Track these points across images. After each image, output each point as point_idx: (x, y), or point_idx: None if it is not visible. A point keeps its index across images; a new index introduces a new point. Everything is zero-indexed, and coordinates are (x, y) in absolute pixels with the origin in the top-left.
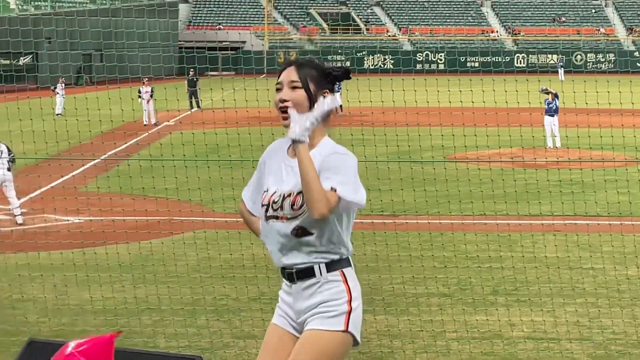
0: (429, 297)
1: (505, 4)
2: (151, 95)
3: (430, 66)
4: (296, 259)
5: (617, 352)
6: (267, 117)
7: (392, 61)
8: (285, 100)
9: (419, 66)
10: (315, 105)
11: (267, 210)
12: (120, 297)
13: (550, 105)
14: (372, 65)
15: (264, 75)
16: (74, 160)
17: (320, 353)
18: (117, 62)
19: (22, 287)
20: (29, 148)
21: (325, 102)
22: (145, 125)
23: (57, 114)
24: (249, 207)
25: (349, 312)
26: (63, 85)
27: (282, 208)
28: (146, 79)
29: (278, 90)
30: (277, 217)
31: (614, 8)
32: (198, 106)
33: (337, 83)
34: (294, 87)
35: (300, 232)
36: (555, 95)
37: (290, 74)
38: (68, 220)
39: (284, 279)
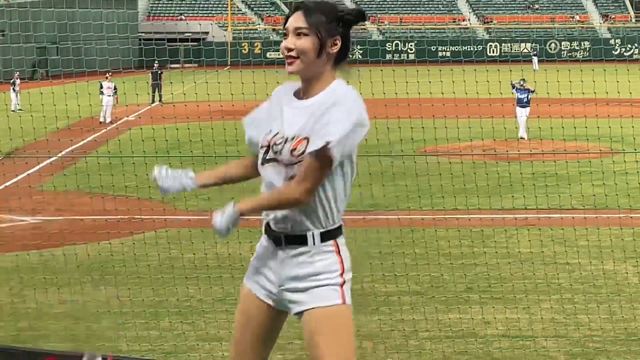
0: (400, 296)
1: None
2: (115, 92)
3: (400, 56)
4: (286, 220)
5: (594, 350)
6: (230, 110)
7: (361, 51)
8: (290, 49)
9: (388, 56)
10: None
11: (266, 152)
12: (80, 299)
13: (522, 97)
14: None
15: (228, 67)
16: (29, 158)
17: (335, 329)
18: (74, 56)
19: None
20: None
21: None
22: (100, 123)
23: (12, 110)
24: (249, 135)
25: (342, 285)
26: (19, 80)
27: (281, 152)
28: (109, 73)
29: (284, 36)
30: (276, 160)
31: None
32: (160, 100)
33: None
34: (300, 34)
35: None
36: (529, 90)
37: (297, 20)
38: (24, 221)
39: (267, 237)
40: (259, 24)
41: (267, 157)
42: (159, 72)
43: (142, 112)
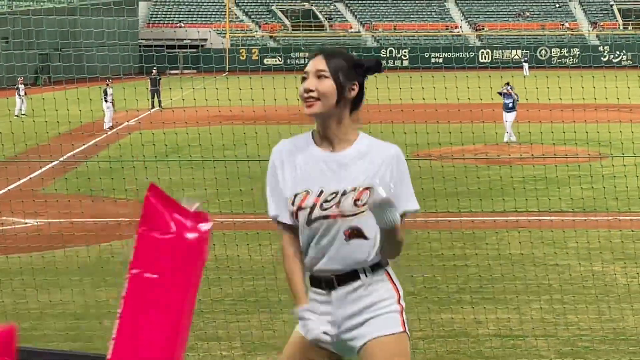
0: None
1: None
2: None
3: (394, 62)
4: (339, 264)
5: (583, 349)
6: (228, 115)
7: None
8: (311, 90)
9: (383, 63)
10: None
11: (311, 212)
12: (81, 300)
13: (508, 102)
14: None
15: (226, 73)
16: (32, 162)
17: (399, 356)
18: (76, 62)
19: None
20: None
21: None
22: (105, 129)
23: (16, 115)
24: (290, 222)
25: (402, 311)
26: (23, 85)
27: (339, 205)
28: (110, 80)
29: (303, 79)
30: (327, 217)
31: (577, 2)
32: (160, 105)
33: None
34: (321, 77)
35: (355, 233)
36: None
37: (317, 63)
38: (26, 223)
39: (314, 288)
40: (256, 31)
41: (315, 216)
42: (158, 78)
43: (142, 117)
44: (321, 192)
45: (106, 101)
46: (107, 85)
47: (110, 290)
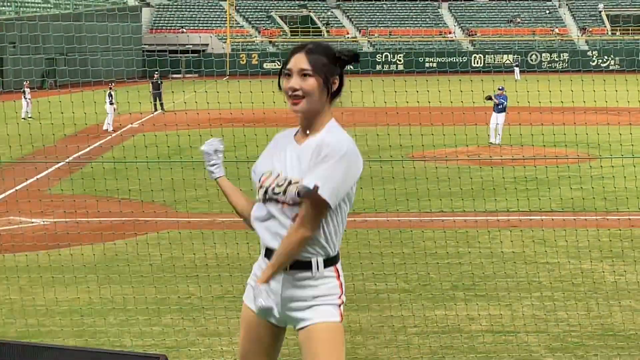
0: (389, 293)
1: (461, 5)
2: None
3: (389, 67)
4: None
5: (573, 344)
6: (229, 118)
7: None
8: (296, 89)
9: (378, 67)
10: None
11: (266, 192)
12: (86, 297)
13: (498, 104)
14: None
15: (226, 77)
16: (38, 163)
17: (334, 341)
18: (81, 66)
19: None
20: None
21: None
22: (107, 131)
23: (23, 118)
24: (254, 184)
25: (341, 305)
26: (29, 89)
27: (285, 193)
28: (113, 83)
29: (287, 76)
30: (276, 201)
31: (567, 9)
32: (162, 108)
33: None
34: (305, 75)
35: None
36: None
37: (300, 61)
38: (33, 223)
39: (266, 260)
40: (256, 37)
41: (268, 197)
42: (159, 82)
43: (145, 120)
44: (278, 175)
45: (111, 103)
46: (110, 88)
47: (114, 287)
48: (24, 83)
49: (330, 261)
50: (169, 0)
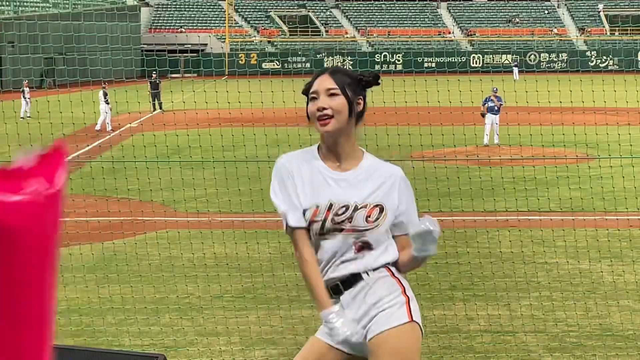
0: None
1: (460, 5)
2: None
3: (388, 67)
4: (345, 270)
5: (571, 344)
6: (227, 118)
7: (351, 62)
8: (324, 109)
9: (377, 67)
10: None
11: (323, 226)
12: (85, 297)
13: (493, 105)
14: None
15: (225, 77)
16: None
17: (398, 353)
18: (79, 66)
19: None
20: None
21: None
22: (101, 130)
23: (22, 117)
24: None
25: (408, 302)
26: (28, 88)
27: (352, 220)
28: (105, 82)
29: (313, 99)
30: (340, 230)
31: (566, 9)
32: (160, 108)
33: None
34: (332, 95)
35: (364, 246)
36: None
37: (325, 82)
38: None
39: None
40: (254, 36)
41: (327, 229)
42: (157, 81)
43: (143, 119)
44: (330, 205)
45: (107, 103)
46: (103, 87)
47: (113, 287)
48: (23, 82)
49: (378, 266)
50: (167, 0)
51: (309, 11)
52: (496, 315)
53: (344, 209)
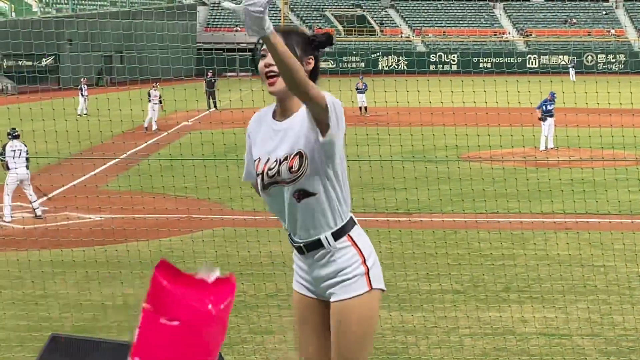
0: (442, 294)
1: (517, 6)
2: (160, 101)
3: (443, 67)
4: (302, 230)
5: (628, 348)
6: None
7: (406, 62)
8: (271, 64)
9: (432, 67)
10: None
11: (263, 179)
12: (142, 293)
13: (551, 108)
14: (386, 67)
15: None
16: (96, 160)
17: (359, 322)
18: (137, 64)
19: (45, 283)
20: (52, 147)
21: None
22: (153, 130)
23: (79, 115)
24: (252, 183)
25: (367, 272)
26: (86, 86)
27: (280, 173)
28: (156, 82)
29: (263, 56)
30: (276, 183)
31: (624, 10)
32: (215, 106)
33: (322, 50)
34: None
35: (302, 194)
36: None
37: None
38: (90, 218)
39: (295, 251)
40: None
41: (266, 182)
42: (213, 80)
43: (200, 117)
44: (267, 159)
45: (159, 102)
46: (153, 87)
47: None
48: (81, 80)
49: (339, 232)
50: None
51: (364, 11)
52: (551, 318)
53: (274, 162)
